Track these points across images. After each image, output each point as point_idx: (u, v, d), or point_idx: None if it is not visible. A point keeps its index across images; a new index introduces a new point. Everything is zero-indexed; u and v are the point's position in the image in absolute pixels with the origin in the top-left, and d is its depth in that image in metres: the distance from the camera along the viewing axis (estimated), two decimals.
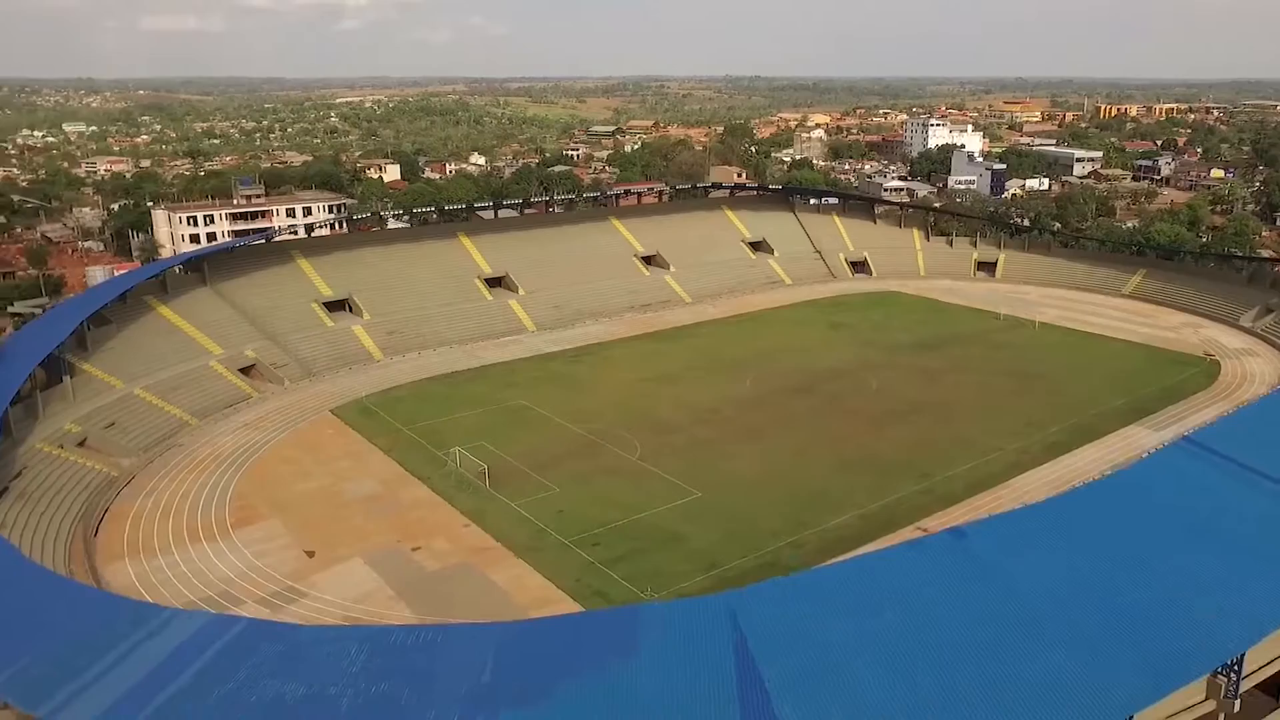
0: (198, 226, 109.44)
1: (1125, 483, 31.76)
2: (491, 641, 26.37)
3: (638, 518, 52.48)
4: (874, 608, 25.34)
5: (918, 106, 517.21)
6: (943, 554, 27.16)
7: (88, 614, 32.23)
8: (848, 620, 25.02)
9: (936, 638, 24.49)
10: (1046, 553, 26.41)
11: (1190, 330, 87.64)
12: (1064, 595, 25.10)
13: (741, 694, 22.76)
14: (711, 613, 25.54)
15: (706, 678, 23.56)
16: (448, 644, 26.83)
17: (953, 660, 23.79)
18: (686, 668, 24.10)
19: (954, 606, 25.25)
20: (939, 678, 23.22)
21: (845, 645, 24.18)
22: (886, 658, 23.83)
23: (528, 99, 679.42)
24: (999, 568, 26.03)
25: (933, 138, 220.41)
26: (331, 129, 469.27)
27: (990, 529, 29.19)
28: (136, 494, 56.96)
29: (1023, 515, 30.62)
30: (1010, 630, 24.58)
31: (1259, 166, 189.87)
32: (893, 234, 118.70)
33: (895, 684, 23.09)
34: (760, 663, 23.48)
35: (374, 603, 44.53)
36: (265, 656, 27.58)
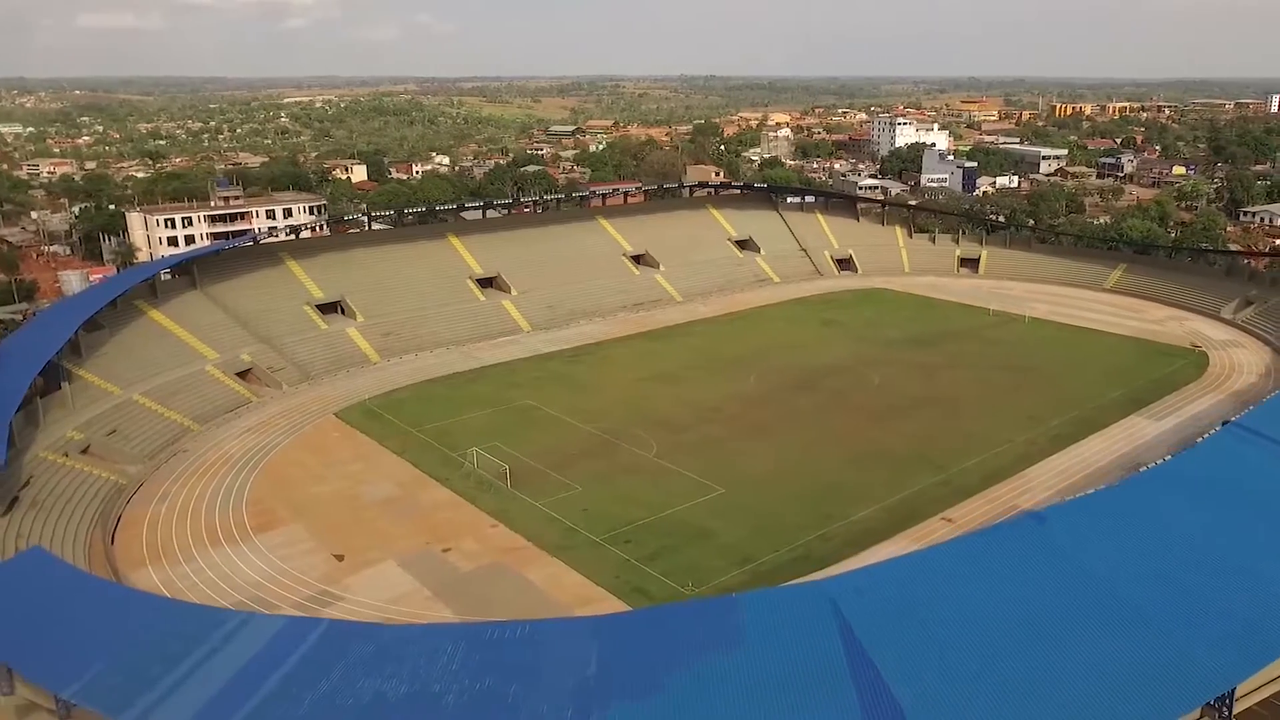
0: (175, 229, 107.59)
1: (1188, 466, 33.16)
2: (592, 634, 26.88)
3: (664, 515, 53.13)
4: (966, 590, 26.32)
5: (875, 106, 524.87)
6: (1025, 538, 28.27)
7: (156, 620, 32.08)
8: (943, 602, 25.97)
9: (1027, 617, 25.53)
10: (1124, 535, 27.64)
11: (1175, 323, 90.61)
12: (1146, 575, 26.29)
13: (854, 677, 23.55)
14: (812, 599, 26.33)
15: (817, 663, 24.32)
16: (547, 638, 27.27)
17: (1045, 639, 24.84)
18: (795, 654, 24.84)
19: (1041, 588, 26.34)
20: (1035, 655, 24.24)
21: (946, 626, 25.11)
22: (985, 637, 24.81)
23: (482, 98, 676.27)
24: (1080, 550, 27.19)
25: (900, 137, 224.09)
26: (282, 129, 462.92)
27: (1069, 513, 30.41)
28: (148, 500, 56.29)
29: (1098, 499, 31.92)
30: (1097, 611, 25.67)
31: (1217, 163, 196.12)
32: (875, 231, 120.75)
33: (997, 661, 24.10)
34: (868, 646, 24.31)
35: (411, 604, 44.60)
36: (356, 657, 27.78)
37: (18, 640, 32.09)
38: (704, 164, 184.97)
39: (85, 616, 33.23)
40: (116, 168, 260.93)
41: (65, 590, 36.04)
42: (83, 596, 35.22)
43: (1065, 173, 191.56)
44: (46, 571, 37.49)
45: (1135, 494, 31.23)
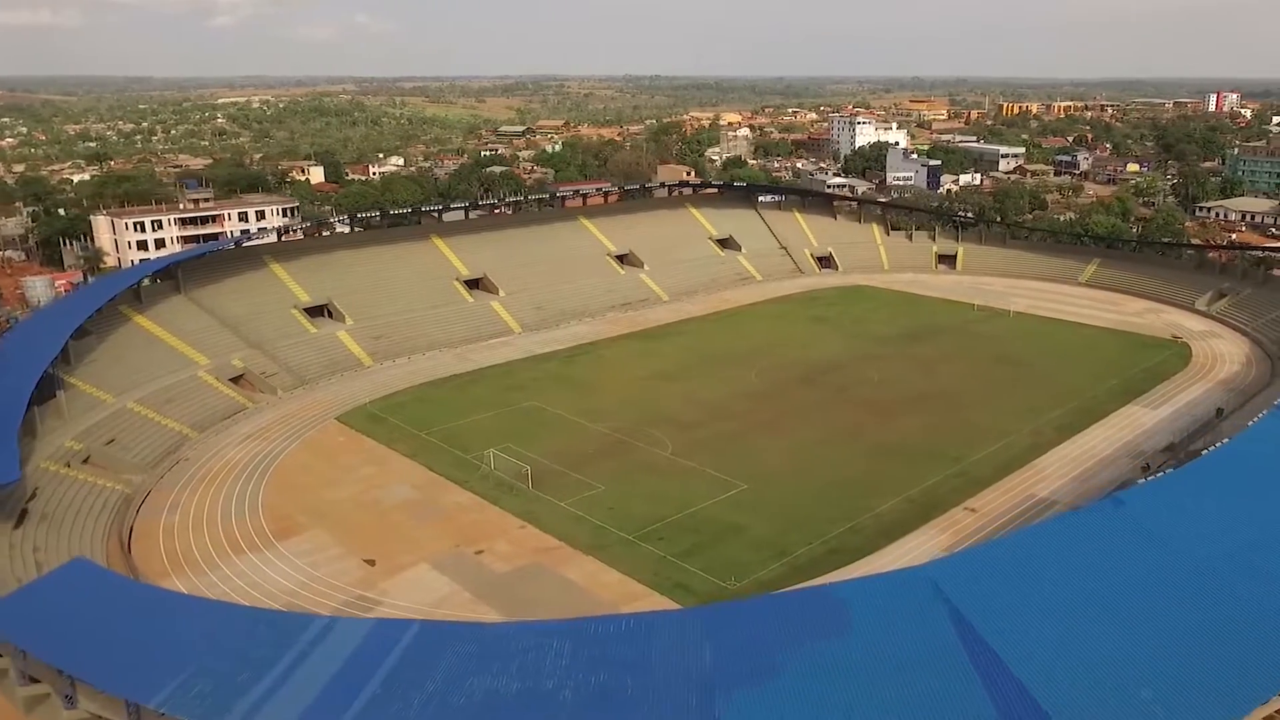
0: (145, 233, 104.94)
1: (1247, 448, 34.80)
2: (702, 625, 27.37)
3: (691, 511, 53.77)
4: (1060, 570, 27.43)
5: (824, 105, 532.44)
6: (1108, 520, 29.51)
7: (235, 626, 31.77)
8: (1041, 582, 27.05)
9: (1121, 593, 26.72)
10: (1202, 513, 29.03)
11: (1153, 315, 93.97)
12: (1228, 552, 27.67)
13: (972, 658, 24.41)
14: (914, 585, 27.21)
15: (931, 645, 25.18)
16: (652, 632, 27.72)
17: (1140, 613, 26.05)
18: (907, 638, 25.69)
19: (1131, 565, 27.58)
20: (1135, 629, 25.41)
21: (1049, 606, 26.19)
22: (1088, 614, 25.94)
23: (425, 99, 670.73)
24: (1163, 529, 28.52)
25: (860, 136, 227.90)
26: (219, 130, 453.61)
27: (1145, 495, 31.73)
28: (158, 510, 55.31)
29: (1170, 481, 33.35)
30: (1187, 586, 26.96)
31: (1168, 161, 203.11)
32: (853, 229, 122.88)
33: (1101, 635, 25.16)
34: (979, 628, 25.19)
35: (454, 606, 44.58)
36: (459, 656, 27.95)
37: (84, 652, 31.58)
38: (672, 164, 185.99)
39: (152, 625, 32.81)
40: (49, 170, 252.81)
41: (122, 599, 35.56)
42: (144, 605, 34.77)
43: (1024, 170, 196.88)
44: (96, 581, 36.87)
45: (1206, 475, 32.77)
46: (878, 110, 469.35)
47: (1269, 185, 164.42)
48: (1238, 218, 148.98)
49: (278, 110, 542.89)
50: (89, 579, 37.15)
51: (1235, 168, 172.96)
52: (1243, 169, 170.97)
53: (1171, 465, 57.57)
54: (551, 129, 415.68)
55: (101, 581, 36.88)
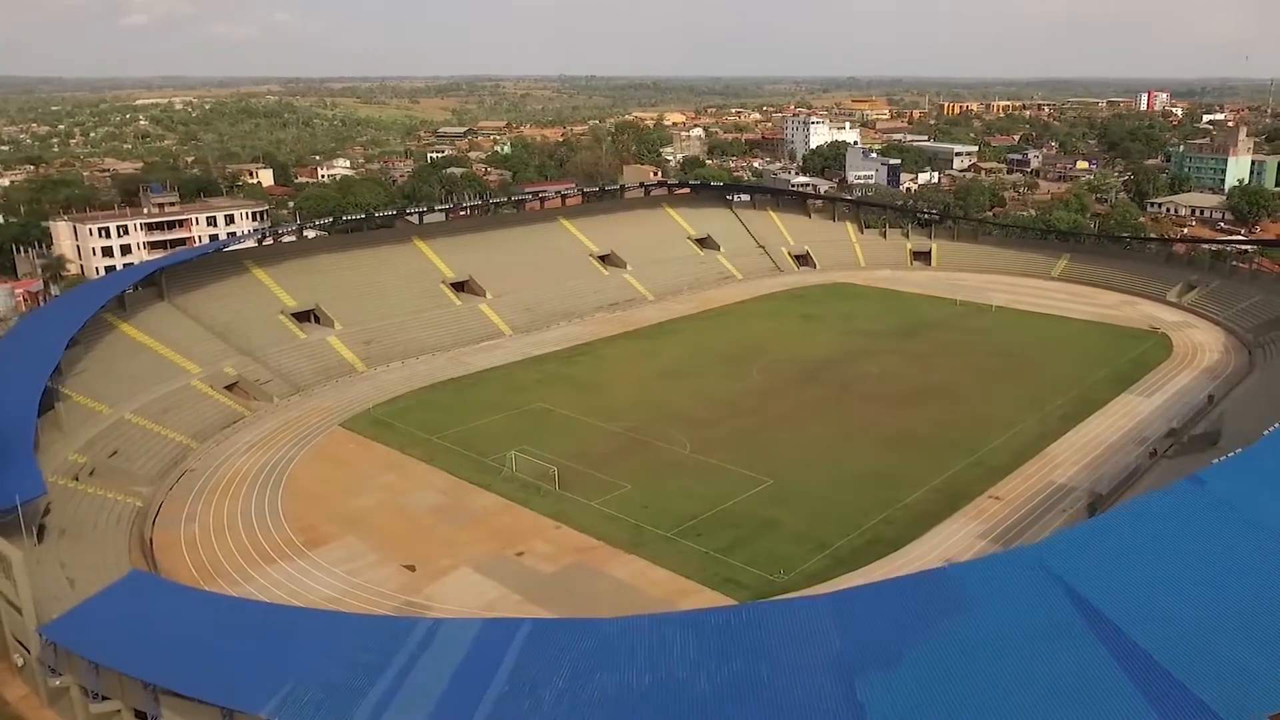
0: (110, 239, 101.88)
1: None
2: (825, 611, 28.16)
3: (724, 508, 54.60)
4: (1158, 546, 28.93)
5: (767, 105, 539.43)
6: (1191, 498, 31.13)
7: (332, 633, 31.57)
8: (1144, 559, 28.52)
9: (1218, 564, 28.29)
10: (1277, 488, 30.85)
11: (1128, 307, 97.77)
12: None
13: (1096, 632, 25.65)
14: (1024, 564, 28.42)
15: (1052, 621, 26.37)
16: (774, 620, 28.44)
17: (1239, 582, 27.60)
18: (1027, 615, 26.85)
19: (1219, 537, 29.16)
20: (1242, 597, 26.93)
21: (1155, 580, 27.67)
22: (1193, 585, 27.42)
23: (356, 99, 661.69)
24: (1245, 503, 30.24)
25: (814, 135, 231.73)
26: (143, 133, 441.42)
27: (1222, 474, 33.48)
28: (175, 522, 54.28)
29: (1240, 461, 35.17)
30: (1275, 554, 28.63)
31: (1114, 158, 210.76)
32: (828, 227, 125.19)
33: (1213, 605, 26.64)
34: (1097, 603, 26.46)
35: (505, 608, 44.63)
36: (581, 652, 28.35)
37: (173, 663, 31.14)
38: (636, 164, 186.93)
39: (238, 633, 32.47)
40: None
41: (196, 609, 35.06)
42: (222, 613, 34.34)
43: (978, 168, 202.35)
44: (161, 592, 36.28)
45: (1272, 454, 34.69)
46: (820, 110, 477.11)
47: (1213, 181, 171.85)
48: (1188, 212, 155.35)
49: (203, 111, 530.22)
50: (152, 590, 36.56)
51: (1181, 164, 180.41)
52: (1188, 165, 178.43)
53: (1175, 450, 60.50)
54: (493, 130, 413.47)
55: (166, 592, 36.31)
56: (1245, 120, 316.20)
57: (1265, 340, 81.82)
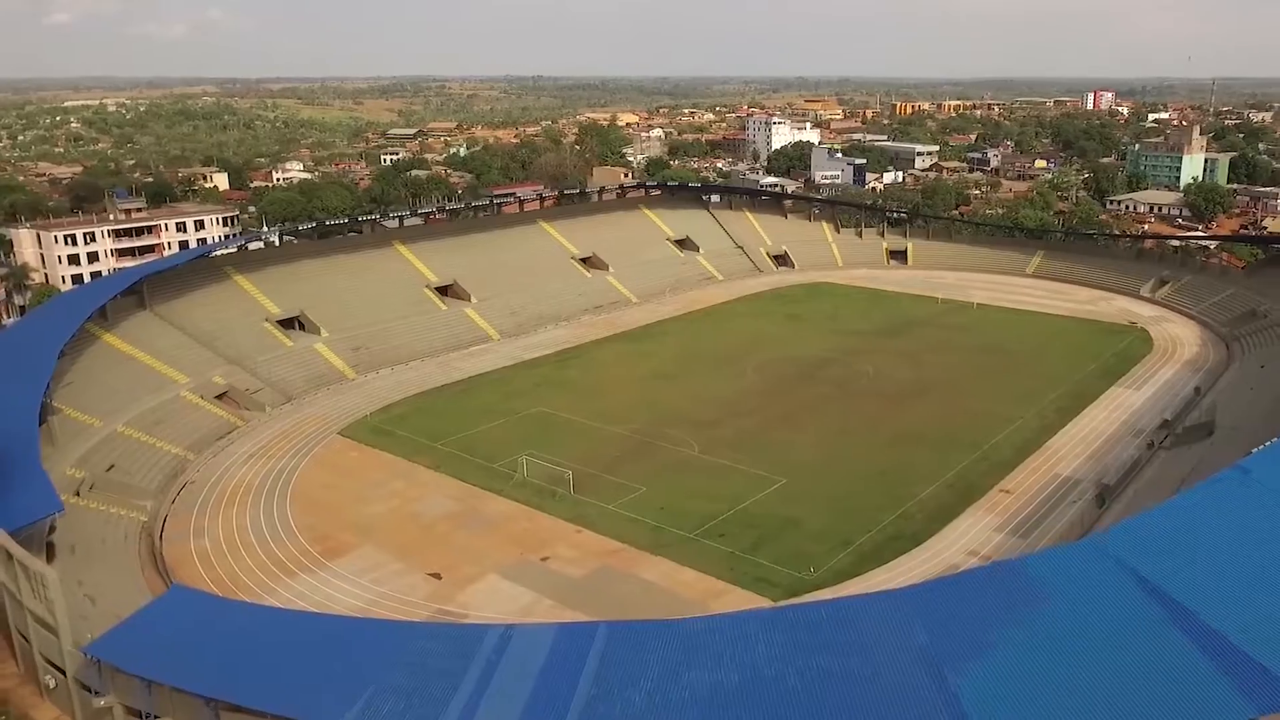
0: (77, 247, 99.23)
1: None
2: (905, 606, 28.90)
3: (741, 508, 55.30)
4: (1217, 533, 30.20)
5: (720, 106, 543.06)
6: (1241, 486, 32.54)
7: (397, 641, 31.53)
8: (1205, 547, 29.78)
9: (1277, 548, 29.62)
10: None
11: (1104, 303, 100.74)
12: None
13: (1173, 618, 26.81)
14: (1094, 555, 29.51)
15: (1129, 610, 27.47)
16: (855, 615, 29.12)
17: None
18: (1103, 604, 27.92)
19: (1273, 520, 30.54)
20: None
21: (1219, 565, 28.85)
22: (1258, 569, 28.62)
23: (297, 100, 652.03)
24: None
25: (776, 136, 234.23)
26: (74, 135, 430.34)
27: (1265, 463, 34.92)
28: (183, 536, 53.45)
29: None
30: None
31: (1071, 157, 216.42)
32: (804, 227, 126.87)
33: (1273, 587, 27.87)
34: (1169, 590, 27.62)
35: (540, 613, 44.79)
36: (663, 653, 28.74)
37: (239, 678, 30.85)
38: (606, 166, 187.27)
39: (299, 645, 32.24)
40: None
41: (250, 622, 34.76)
42: (280, 626, 34.08)
43: (940, 168, 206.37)
44: (208, 607, 35.88)
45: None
46: (774, 110, 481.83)
47: (1169, 178, 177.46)
48: (1146, 209, 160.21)
49: (137, 113, 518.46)
50: (198, 605, 36.11)
51: (1137, 162, 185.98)
52: (1144, 163, 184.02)
53: (1172, 441, 62.67)
54: (444, 131, 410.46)
55: (214, 606, 35.88)
56: (1188, 119, 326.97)
57: (1241, 334, 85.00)
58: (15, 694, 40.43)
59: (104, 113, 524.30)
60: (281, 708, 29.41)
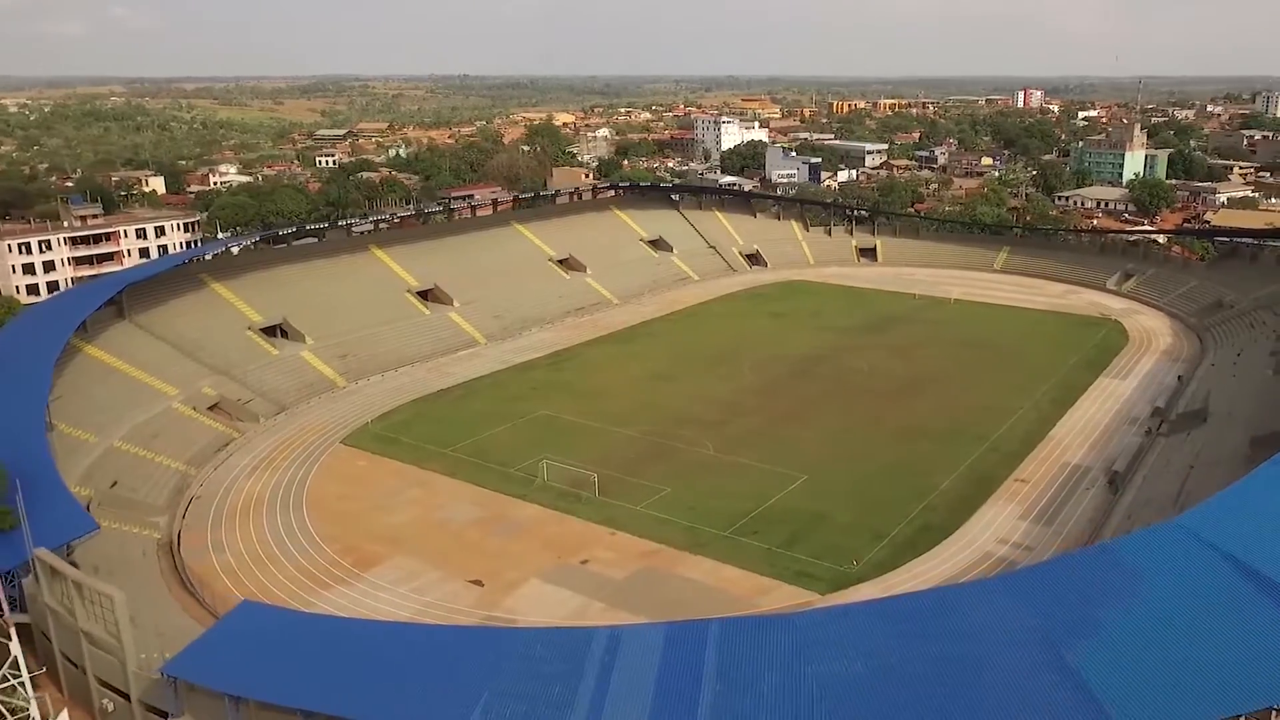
0: (33, 255, 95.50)
1: None
2: (1007, 592, 30.21)
3: (768, 505, 56.42)
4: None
5: (656, 105, 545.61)
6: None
7: (500, 648, 31.71)
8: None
9: None
10: None
11: (1074, 296, 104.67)
12: None
13: (1266, 593, 28.53)
14: (1179, 536, 31.17)
15: (1224, 586, 29.17)
16: (960, 602, 30.29)
17: None
18: (1197, 582, 29.59)
19: None
20: None
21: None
22: None
23: (213, 101, 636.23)
24: None
25: (726, 135, 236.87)
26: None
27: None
28: (202, 552, 52.47)
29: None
30: None
31: (1015, 154, 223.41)
32: (773, 226, 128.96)
33: None
34: (1251, 561, 29.45)
35: (593, 616, 45.24)
36: (782, 648, 29.55)
37: (331, 690, 30.72)
38: (565, 167, 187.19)
39: (395, 656, 32.16)
40: None
41: (333, 635, 34.56)
42: (366, 639, 33.94)
43: (891, 166, 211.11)
44: (283, 622, 35.56)
45: None
46: (709, 109, 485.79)
47: (1111, 174, 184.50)
48: (1093, 205, 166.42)
49: (42, 114, 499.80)
50: (273, 620, 35.75)
51: (1082, 159, 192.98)
52: (1089, 160, 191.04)
53: (1169, 427, 65.67)
54: (374, 132, 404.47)
55: (290, 620, 35.61)
56: (1118, 116, 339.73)
57: (1210, 324, 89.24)
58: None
59: (4, 114, 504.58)
60: (393, 718, 29.41)
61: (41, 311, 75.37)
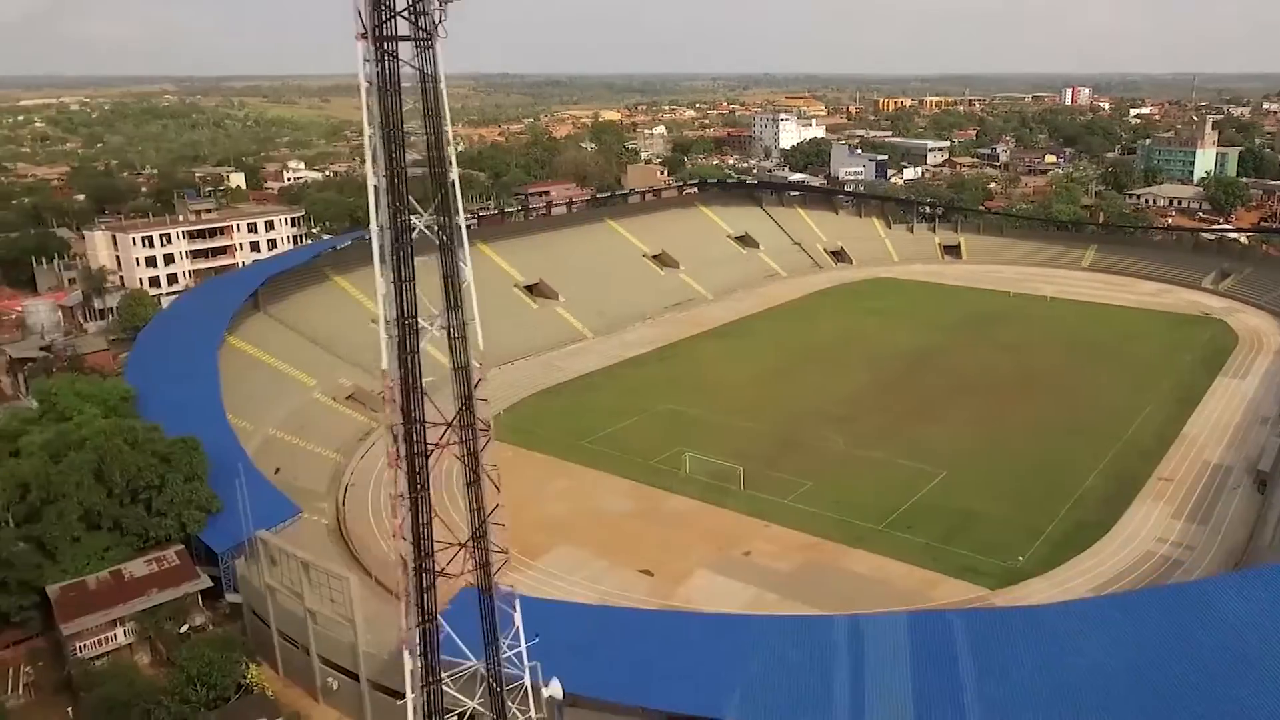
0: (154, 248, 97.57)
1: None
2: (1254, 587, 30.19)
3: (916, 500, 56.49)
4: None
5: (699, 103, 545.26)
6: None
7: (747, 635, 32.17)
8: None
9: None
10: None
11: (1169, 295, 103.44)
12: None
13: None
14: None
15: None
16: (1207, 596, 30.32)
17: None
18: None
19: None
20: None
21: None
22: None
23: (263, 99, 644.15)
24: None
25: (784, 133, 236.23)
26: (40, 135, 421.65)
27: None
28: (370, 539, 53.35)
29: None
30: None
31: (1078, 151, 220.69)
32: (856, 224, 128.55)
33: None
34: None
35: (768, 606, 45.33)
36: (1032, 639, 29.67)
37: (577, 672, 31.25)
38: (632, 164, 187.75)
39: (636, 641, 32.75)
40: None
41: (569, 621, 35.14)
42: (607, 624, 34.52)
43: (954, 163, 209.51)
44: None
45: None
46: (753, 107, 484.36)
47: (1182, 172, 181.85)
48: (1165, 203, 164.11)
49: (102, 112, 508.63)
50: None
51: (1150, 157, 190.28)
52: (1158, 158, 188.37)
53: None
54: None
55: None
56: (1169, 114, 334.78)
57: None
58: (283, 696, 40.53)
59: (67, 112, 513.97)
60: (648, 700, 29.98)
61: (185, 305, 77.01)
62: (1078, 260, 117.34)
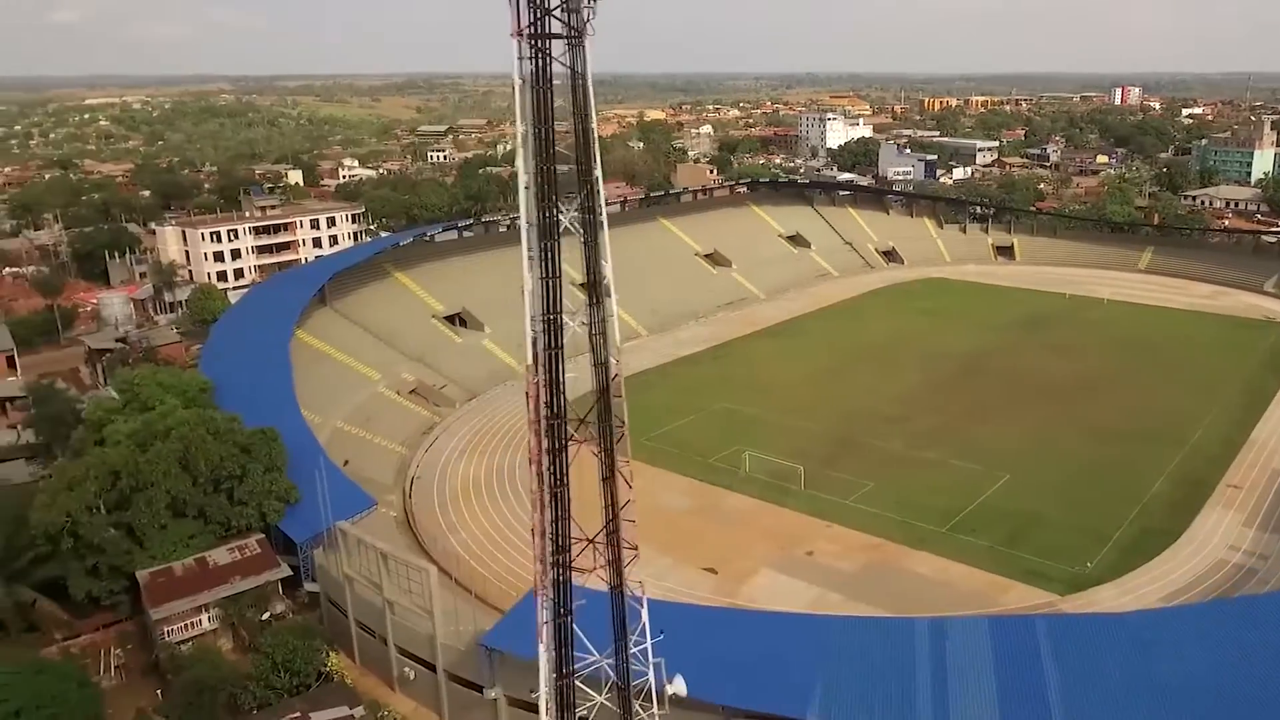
0: (222, 244, 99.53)
1: None
2: None
3: (979, 503, 55.79)
4: None
5: (744, 102, 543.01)
6: None
7: (831, 636, 31.95)
8: None
9: None
10: None
11: (1227, 298, 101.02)
12: None
13: None
14: None
15: None
16: (1251, 615, 29.58)
17: None
18: None
19: None
20: None
21: None
22: None
23: (315, 98, 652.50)
24: None
25: (831, 132, 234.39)
26: (105, 134, 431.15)
27: None
28: (438, 532, 54.01)
29: None
30: None
31: (1130, 151, 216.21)
32: (907, 223, 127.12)
33: None
34: None
35: (832, 606, 45.09)
36: (1117, 645, 29.11)
37: (678, 670, 31.22)
38: (681, 163, 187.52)
39: (724, 638, 32.65)
40: None
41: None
42: (699, 621, 34.49)
43: (1003, 163, 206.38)
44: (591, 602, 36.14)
45: None
46: (797, 106, 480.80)
47: (1239, 173, 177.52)
48: (1222, 204, 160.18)
49: (163, 111, 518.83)
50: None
51: (1206, 157, 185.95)
52: (1213, 159, 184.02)
53: None
54: (474, 129, 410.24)
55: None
56: (1222, 113, 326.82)
57: None
58: (359, 684, 41.06)
59: (129, 111, 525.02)
60: (729, 699, 29.90)
61: (254, 299, 78.23)
62: (1134, 262, 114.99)
